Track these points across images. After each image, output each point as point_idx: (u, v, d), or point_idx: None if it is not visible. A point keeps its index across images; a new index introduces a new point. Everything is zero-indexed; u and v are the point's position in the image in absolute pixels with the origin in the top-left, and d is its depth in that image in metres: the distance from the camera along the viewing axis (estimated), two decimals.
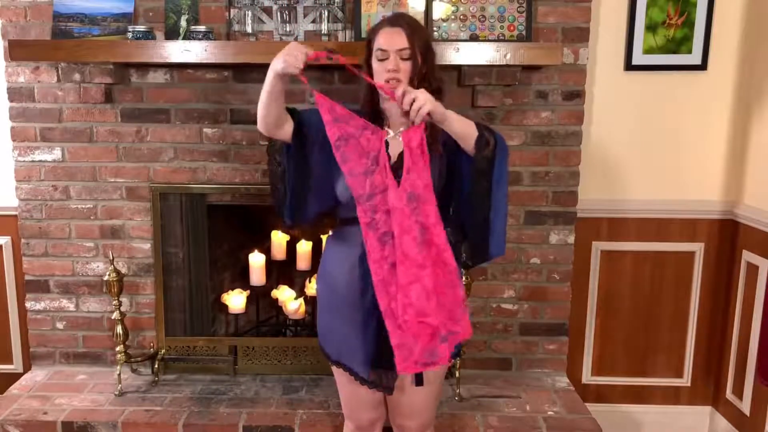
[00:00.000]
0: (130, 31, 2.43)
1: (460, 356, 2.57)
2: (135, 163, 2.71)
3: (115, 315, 2.63)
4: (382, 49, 1.77)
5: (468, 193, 1.77)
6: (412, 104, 1.63)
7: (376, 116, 1.85)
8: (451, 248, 1.76)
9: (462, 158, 1.77)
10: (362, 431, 2.05)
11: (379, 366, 1.84)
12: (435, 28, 2.51)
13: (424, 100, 1.63)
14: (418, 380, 1.85)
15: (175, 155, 2.71)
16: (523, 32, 2.52)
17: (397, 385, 1.88)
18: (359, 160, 1.75)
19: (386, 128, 1.82)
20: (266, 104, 1.76)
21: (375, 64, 1.79)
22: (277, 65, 1.69)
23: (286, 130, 1.82)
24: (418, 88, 1.74)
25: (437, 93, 1.78)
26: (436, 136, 1.78)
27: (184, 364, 2.81)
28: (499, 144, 1.73)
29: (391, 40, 1.76)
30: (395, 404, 1.96)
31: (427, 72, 1.78)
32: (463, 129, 1.71)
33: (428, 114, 1.64)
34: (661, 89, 2.73)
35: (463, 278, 2.20)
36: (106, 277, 2.60)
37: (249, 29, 2.55)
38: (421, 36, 1.79)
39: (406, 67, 1.76)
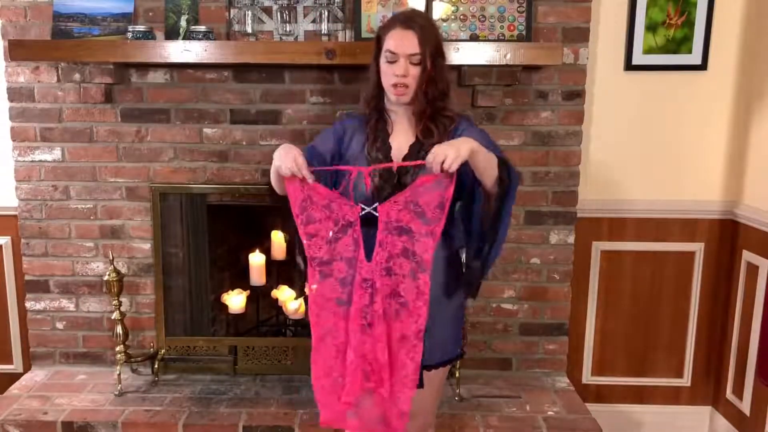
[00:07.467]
0: (130, 31, 2.43)
1: (461, 357, 2.57)
2: (135, 163, 2.71)
3: (115, 315, 2.63)
4: (392, 52, 1.73)
5: (478, 212, 1.74)
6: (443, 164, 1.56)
7: (380, 117, 1.84)
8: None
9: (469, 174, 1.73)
10: None
11: None
12: None
13: (454, 157, 1.55)
14: (419, 383, 1.83)
15: (175, 155, 2.71)
16: (523, 32, 2.52)
17: None
18: (326, 222, 1.70)
19: (360, 205, 1.72)
20: (277, 182, 1.77)
21: (383, 64, 1.76)
22: (279, 166, 1.67)
23: None
24: (424, 90, 1.73)
25: (443, 95, 1.77)
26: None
27: (184, 364, 2.81)
28: (513, 182, 1.71)
29: (402, 45, 1.72)
30: None
31: (435, 74, 1.75)
32: (485, 165, 1.65)
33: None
34: (661, 89, 2.72)
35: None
36: (106, 277, 2.60)
37: (249, 29, 2.55)
38: (432, 40, 1.74)
39: (415, 72, 1.73)
